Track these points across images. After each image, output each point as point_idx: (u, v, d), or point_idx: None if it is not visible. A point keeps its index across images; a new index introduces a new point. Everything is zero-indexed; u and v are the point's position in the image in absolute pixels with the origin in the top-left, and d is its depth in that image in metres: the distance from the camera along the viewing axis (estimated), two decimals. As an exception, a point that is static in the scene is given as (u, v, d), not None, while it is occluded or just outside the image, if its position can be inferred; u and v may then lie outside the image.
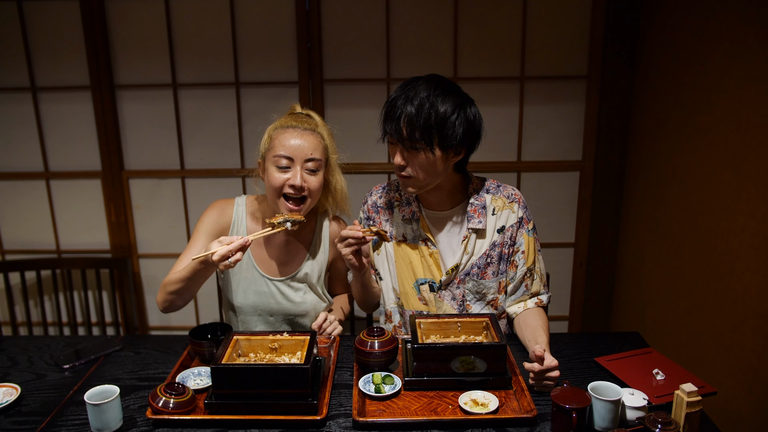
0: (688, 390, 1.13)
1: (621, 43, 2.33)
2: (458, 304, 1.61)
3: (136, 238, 2.62)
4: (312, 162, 1.53)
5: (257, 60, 2.43)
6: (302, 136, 1.54)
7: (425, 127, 1.41)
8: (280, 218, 1.49)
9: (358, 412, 1.23)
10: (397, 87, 1.49)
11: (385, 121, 1.49)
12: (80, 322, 2.67)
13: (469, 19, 2.37)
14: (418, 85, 1.44)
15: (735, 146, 1.71)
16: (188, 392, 1.27)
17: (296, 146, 1.52)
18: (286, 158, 1.51)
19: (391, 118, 1.45)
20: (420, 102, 1.41)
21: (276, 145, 1.53)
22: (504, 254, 1.59)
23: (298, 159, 1.52)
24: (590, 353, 1.52)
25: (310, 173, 1.54)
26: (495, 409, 1.24)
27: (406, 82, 1.48)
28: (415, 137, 1.42)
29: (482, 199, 1.59)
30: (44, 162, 2.55)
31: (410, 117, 1.41)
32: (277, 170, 1.53)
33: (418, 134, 1.41)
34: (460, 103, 1.44)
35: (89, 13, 2.36)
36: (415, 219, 1.60)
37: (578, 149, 2.50)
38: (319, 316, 1.60)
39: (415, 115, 1.41)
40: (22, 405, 1.33)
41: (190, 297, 1.57)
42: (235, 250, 1.38)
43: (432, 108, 1.41)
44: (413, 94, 1.43)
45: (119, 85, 2.46)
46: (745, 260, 1.66)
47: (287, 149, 1.52)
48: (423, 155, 1.44)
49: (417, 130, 1.41)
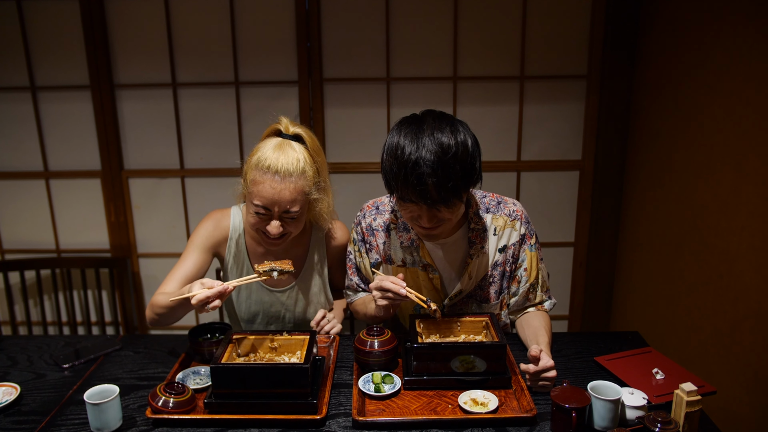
0: (687, 389, 1.13)
1: (621, 42, 2.33)
2: None
3: (135, 237, 2.62)
4: (291, 213, 1.46)
5: (257, 59, 2.42)
6: (282, 184, 1.42)
7: (453, 183, 1.27)
8: (267, 267, 1.42)
9: (357, 411, 1.23)
10: (399, 137, 1.31)
11: (399, 182, 1.30)
12: (80, 321, 2.67)
13: (469, 18, 2.36)
14: (425, 137, 1.28)
15: (735, 145, 1.71)
16: (188, 392, 1.27)
17: (273, 200, 1.43)
18: (264, 208, 1.45)
19: (412, 184, 1.27)
20: (441, 154, 1.25)
21: (253, 191, 1.44)
22: (506, 272, 1.56)
23: (276, 211, 1.45)
24: (590, 353, 1.52)
25: (289, 220, 1.48)
26: (495, 408, 1.24)
27: (411, 134, 1.30)
28: (448, 197, 1.28)
29: (483, 221, 1.52)
30: (44, 161, 2.55)
31: (437, 180, 1.26)
32: (254, 215, 1.47)
33: (451, 194, 1.28)
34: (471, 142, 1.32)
35: (89, 12, 2.36)
36: (414, 246, 1.53)
37: (578, 149, 2.50)
38: (318, 313, 1.59)
39: (442, 175, 1.25)
40: (22, 404, 1.33)
41: (174, 321, 1.55)
42: (213, 297, 1.31)
43: (457, 159, 1.27)
44: (433, 149, 1.26)
45: (119, 84, 2.46)
46: (745, 260, 1.66)
47: (264, 200, 1.43)
48: (453, 205, 1.32)
49: (446, 190, 1.27)
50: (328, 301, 1.74)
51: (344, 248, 1.70)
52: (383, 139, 2.66)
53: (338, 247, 1.70)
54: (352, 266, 1.65)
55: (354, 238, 1.62)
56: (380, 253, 1.58)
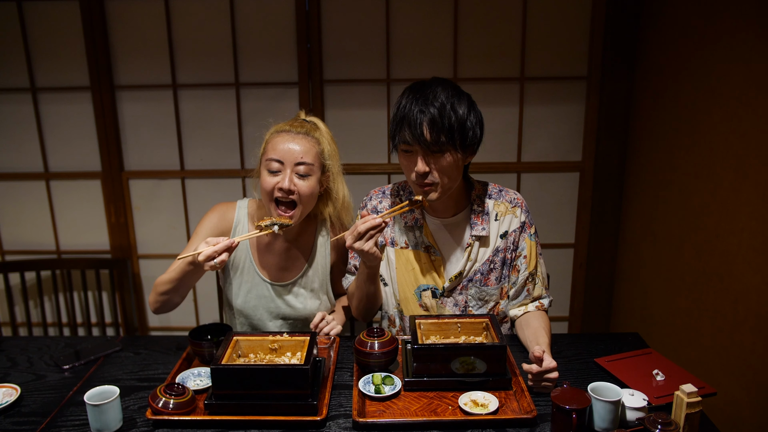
0: (688, 391, 1.13)
1: (621, 43, 2.33)
2: (460, 310, 1.61)
3: (135, 238, 2.62)
4: (303, 166, 1.51)
5: (257, 61, 2.43)
6: (294, 139, 1.52)
7: (449, 128, 1.39)
8: (268, 221, 1.48)
9: (358, 412, 1.23)
10: (405, 93, 1.46)
11: (400, 127, 1.44)
12: (80, 322, 2.67)
13: (469, 19, 2.37)
14: (432, 89, 1.42)
15: (735, 147, 1.71)
16: (188, 393, 1.27)
17: (287, 150, 1.51)
18: (277, 161, 1.51)
19: (410, 124, 1.40)
20: (441, 104, 1.39)
21: (268, 149, 1.53)
22: (507, 259, 1.59)
23: (288, 162, 1.50)
24: (590, 354, 1.52)
25: (300, 177, 1.52)
26: (495, 409, 1.23)
27: (416, 88, 1.45)
28: (441, 140, 1.39)
29: (485, 205, 1.58)
30: (44, 162, 2.55)
31: (433, 119, 1.38)
32: (268, 174, 1.52)
33: (444, 137, 1.39)
34: (471, 104, 1.46)
35: (89, 13, 2.36)
36: (418, 226, 1.58)
37: (578, 150, 2.51)
38: (316, 315, 1.59)
39: (438, 117, 1.38)
40: (22, 405, 1.33)
41: (179, 299, 1.56)
42: (220, 251, 1.38)
43: (453, 110, 1.40)
44: (432, 97, 1.40)
45: (119, 85, 2.46)
46: (745, 261, 1.66)
47: (278, 152, 1.51)
48: (448, 157, 1.42)
49: (441, 132, 1.39)
50: (330, 300, 1.74)
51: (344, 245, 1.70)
52: (384, 140, 2.68)
53: (339, 243, 1.72)
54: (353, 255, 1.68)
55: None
56: (384, 235, 1.62)
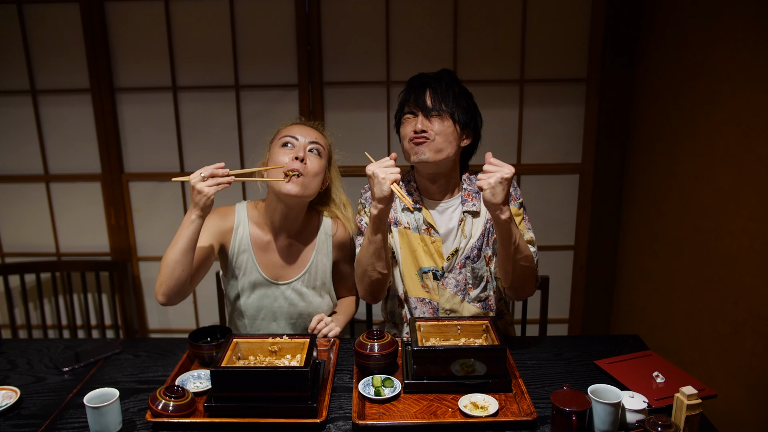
0: (688, 393, 1.13)
1: (621, 45, 2.33)
2: (461, 291, 1.63)
3: (135, 241, 2.61)
4: (316, 145, 1.61)
5: (257, 63, 2.43)
6: (307, 127, 1.65)
7: (449, 97, 1.55)
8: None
9: (357, 415, 1.23)
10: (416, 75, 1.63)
11: (407, 91, 1.60)
12: (80, 324, 2.67)
13: (469, 22, 2.37)
14: (438, 72, 1.61)
15: (735, 149, 1.71)
16: (188, 395, 1.27)
17: (302, 131, 1.62)
18: (292, 137, 1.60)
19: (415, 88, 1.58)
20: (443, 78, 1.58)
21: (283, 132, 1.63)
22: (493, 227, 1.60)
23: (302, 140, 1.60)
24: (590, 356, 1.52)
25: (312, 153, 1.60)
26: (495, 412, 1.24)
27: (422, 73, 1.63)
28: (441, 107, 1.54)
29: (475, 184, 1.61)
30: (44, 165, 2.55)
31: (435, 88, 1.56)
32: (281, 148, 1.59)
33: (444, 105, 1.54)
34: (469, 93, 1.63)
35: (89, 15, 2.36)
36: (417, 209, 1.64)
37: (578, 152, 2.50)
38: (313, 319, 1.60)
39: (439, 87, 1.56)
40: (22, 408, 1.33)
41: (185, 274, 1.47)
42: (218, 167, 1.45)
43: (454, 83, 1.58)
44: (436, 74, 1.59)
45: (119, 88, 2.46)
46: (746, 262, 1.66)
47: (293, 132, 1.62)
48: (446, 122, 1.55)
49: (442, 100, 1.55)
50: (332, 300, 1.75)
51: (347, 244, 1.75)
52: (384, 142, 2.68)
53: (341, 242, 1.74)
54: (362, 226, 1.70)
55: (362, 203, 1.72)
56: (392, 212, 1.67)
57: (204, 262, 1.59)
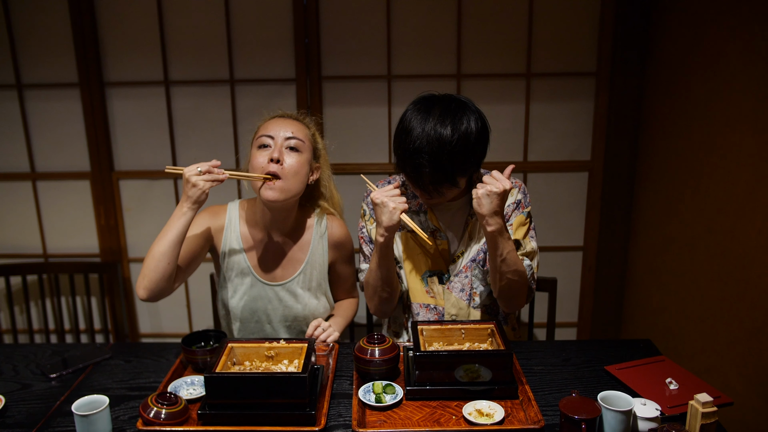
0: (703, 400, 1.12)
1: (631, 38, 2.30)
2: (467, 295, 1.62)
3: (126, 241, 2.59)
4: (293, 140, 1.55)
5: (253, 56, 2.40)
6: (284, 120, 1.60)
7: (449, 179, 1.46)
8: None
9: (357, 422, 1.22)
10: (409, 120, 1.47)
11: (403, 164, 1.49)
12: (68, 329, 2.64)
13: (473, 13, 2.34)
14: (429, 126, 1.43)
15: (751, 146, 1.69)
16: (181, 402, 1.25)
17: (277, 126, 1.57)
18: (267, 137, 1.55)
19: (413, 170, 1.46)
20: (441, 157, 1.41)
21: (260, 130, 1.59)
22: None
23: (279, 138, 1.55)
24: (600, 361, 1.51)
25: (290, 150, 1.55)
26: (501, 419, 1.22)
27: (417, 119, 1.45)
28: (442, 192, 1.49)
29: None
30: (30, 162, 2.52)
31: (434, 173, 1.44)
32: (257, 150, 1.55)
33: (446, 188, 1.48)
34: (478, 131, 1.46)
35: (77, 6, 2.32)
36: (422, 211, 1.64)
37: (587, 149, 2.48)
38: (310, 325, 1.59)
39: (436, 174, 1.44)
40: (7, 416, 1.31)
41: (170, 267, 1.46)
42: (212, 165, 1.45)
43: (453, 158, 1.42)
44: (431, 150, 1.41)
45: (109, 82, 2.43)
46: (762, 264, 1.63)
47: (268, 130, 1.57)
48: (452, 191, 1.52)
49: (442, 185, 1.47)
50: (329, 302, 1.74)
51: (343, 243, 1.73)
52: (384, 138, 2.65)
53: (337, 241, 1.72)
54: (363, 238, 1.70)
55: (365, 210, 1.70)
56: None
57: (191, 261, 1.58)
